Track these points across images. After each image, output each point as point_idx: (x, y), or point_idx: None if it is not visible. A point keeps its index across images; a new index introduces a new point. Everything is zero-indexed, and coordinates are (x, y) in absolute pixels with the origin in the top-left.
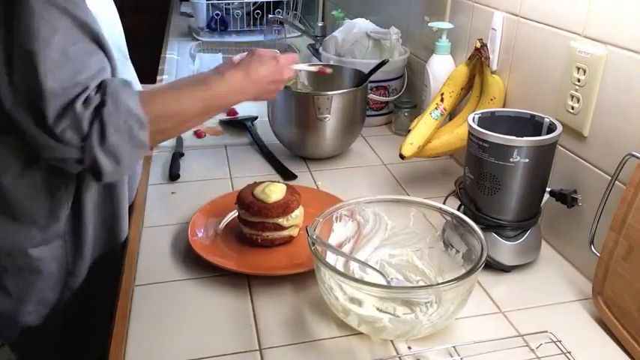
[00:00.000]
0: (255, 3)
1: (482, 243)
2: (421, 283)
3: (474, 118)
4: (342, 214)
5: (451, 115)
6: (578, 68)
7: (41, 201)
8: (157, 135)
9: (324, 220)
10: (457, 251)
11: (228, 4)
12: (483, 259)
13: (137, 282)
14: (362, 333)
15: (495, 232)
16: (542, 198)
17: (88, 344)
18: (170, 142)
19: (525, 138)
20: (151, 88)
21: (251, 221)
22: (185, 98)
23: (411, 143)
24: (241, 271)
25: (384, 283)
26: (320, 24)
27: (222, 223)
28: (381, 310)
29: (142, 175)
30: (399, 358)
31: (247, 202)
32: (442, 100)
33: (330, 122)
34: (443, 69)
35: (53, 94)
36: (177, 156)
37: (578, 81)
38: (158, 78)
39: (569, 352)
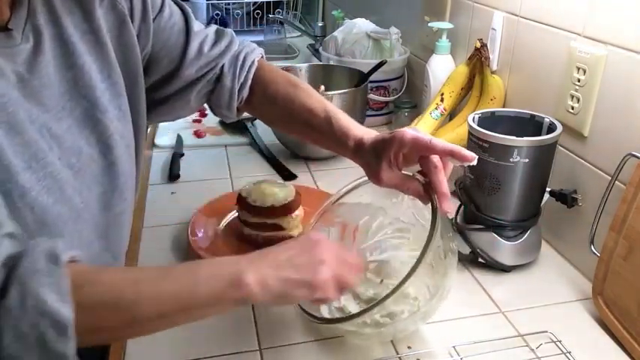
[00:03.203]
0: (255, 3)
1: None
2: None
3: (474, 118)
4: (318, 223)
5: (451, 115)
6: (578, 68)
7: None
8: (90, 335)
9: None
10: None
11: (228, 4)
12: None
13: None
14: None
15: (495, 232)
16: (542, 198)
17: None
18: (170, 142)
19: (525, 138)
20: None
21: (251, 222)
22: (145, 285)
23: None
24: None
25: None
26: (320, 24)
27: (222, 223)
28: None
29: (142, 175)
30: (399, 358)
31: (247, 202)
32: (442, 100)
33: None
34: (443, 69)
35: None
36: (177, 156)
37: (578, 81)
38: None
39: (569, 352)
